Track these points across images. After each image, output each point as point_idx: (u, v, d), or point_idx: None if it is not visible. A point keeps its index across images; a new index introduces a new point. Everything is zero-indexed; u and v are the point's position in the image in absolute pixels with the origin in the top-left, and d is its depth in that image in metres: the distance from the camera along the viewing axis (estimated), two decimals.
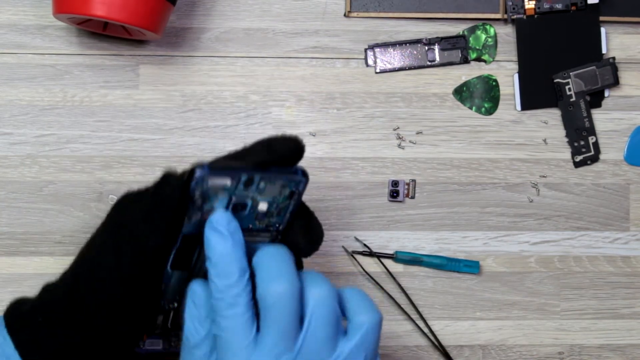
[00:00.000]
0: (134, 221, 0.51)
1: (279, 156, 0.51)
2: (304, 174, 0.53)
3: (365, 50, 0.66)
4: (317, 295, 0.48)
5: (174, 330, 0.58)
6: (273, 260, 0.49)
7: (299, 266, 0.53)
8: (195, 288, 0.50)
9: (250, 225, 0.54)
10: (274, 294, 0.47)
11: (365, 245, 0.65)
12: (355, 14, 0.66)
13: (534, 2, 0.66)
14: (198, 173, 0.50)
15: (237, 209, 0.52)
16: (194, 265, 0.55)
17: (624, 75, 0.67)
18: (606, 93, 0.67)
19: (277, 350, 0.47)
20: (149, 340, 0.58)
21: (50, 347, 0.52)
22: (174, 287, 0.56)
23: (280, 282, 0.47)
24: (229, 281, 0.48)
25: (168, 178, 0.51)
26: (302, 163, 0.66)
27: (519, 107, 0.67)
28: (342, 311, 0.49)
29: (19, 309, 0.53)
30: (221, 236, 0.49)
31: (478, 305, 0.66)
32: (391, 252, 0.65)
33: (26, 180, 0.64)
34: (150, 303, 0.54)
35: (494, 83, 0.67)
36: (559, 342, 0.66)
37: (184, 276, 0.55)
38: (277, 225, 0.54)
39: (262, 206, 0.53)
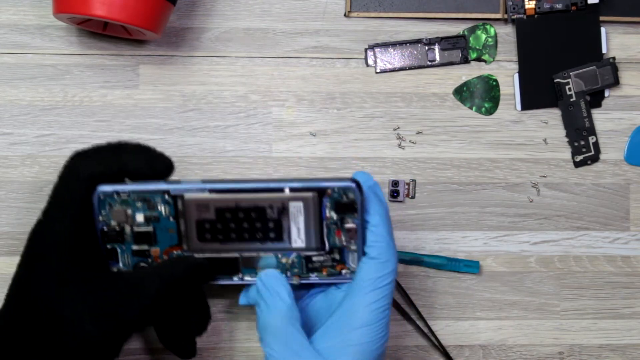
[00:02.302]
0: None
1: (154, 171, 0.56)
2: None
3: (366, 50, 0.66)
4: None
5: None
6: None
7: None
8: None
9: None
10: None
11: None
12: (355, 14, 0.66)
13: (534, 2, 0.66)
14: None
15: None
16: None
17: (624, 75, 0.67)
18: (606, 93, 0.67)
19: None
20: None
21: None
22: None
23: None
24: None
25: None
26: (303, 162, 0.66)
27: (519, 107, 0.67)
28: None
29: None
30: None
31: (478, 305, 0.66)
32: None
33: (26, 180, 0.64)
34: None
35: (494, 83, 0.67)
36: (559, 342, 0.66)
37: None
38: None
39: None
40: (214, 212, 0.55)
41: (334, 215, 0.56)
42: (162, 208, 0.56)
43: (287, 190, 0.55)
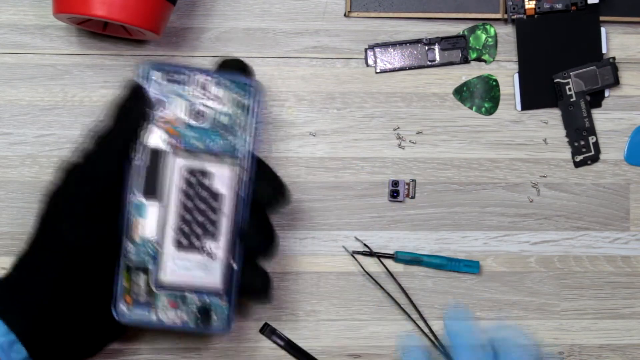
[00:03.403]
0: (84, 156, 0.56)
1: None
2: (258, 84, 0.57)
3: (366, 50, 0.66)
4: None
5: (161, 290, 0.57)
6: None
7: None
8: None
9: (215, 147, 0.57)
10: None
11: (365, 245, 0.65)
12: (355, 14, 0.66)
13: (534, 2, 0.66)
14: (141, 68, 0.56)
15: (197, 118, 0.56)
16: (167, 192, 0.57)
17: (624, 75, 0.67)
18: (606, 93, 0.67)
19: None
20: (136, 310, 0.57)
21: (32, 311, 0.55)
22: (151, 225, 0.57)
23: None
24: None
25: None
26: (303, 162, 0.66)
27: (519, 107, 0.67)
28: None
29: None
30: None
31: (478, 305, 0.66)
32: (391, 252, 0.65)
33: (26, 180, 0.64)
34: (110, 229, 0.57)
35: (494, 83, 0.67)
36: (559, 342, 0.66)
37: (159, 212, 0.57)
38: (242, 154, 0.57)
39: (222, 118, 0.57)
40: None
41: None
42: None
43: None
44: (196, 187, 0.57)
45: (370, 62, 0.66)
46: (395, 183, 0.66)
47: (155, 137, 0.57)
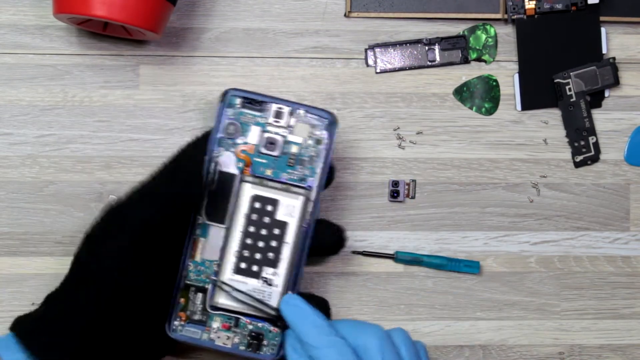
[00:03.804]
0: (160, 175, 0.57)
1: None
2: (333, 116, 0.60)
3: (366, 50, 0.66)
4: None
5: (216, 311, 0.59)
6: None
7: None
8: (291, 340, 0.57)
9: (284, 176, 0.59)
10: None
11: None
12: (355, 14, 0.66)
13: (534, 2, 0.66)
14: (229, 92, 0.59)
15: (269, 146, 0.59)
16: (230, 216, 0.59)
17: (624, 75, 0.67)
18: (606, 93, 0.67)
19: None
20: (189, 327, 0.59)
21: (69, 347, 0.53)
22: (212, 246, 0.59)
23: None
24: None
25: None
26: None
27: (519, 107, 0.67)
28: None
29: (28, 322, 0.54)
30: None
31: (478, 305, 0.66)
32: (391, 252, 0.65)
33: (26, 180, 0.64)
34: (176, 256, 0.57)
35: (494, 83, 0.67)
36: (559, 342, 0.66)
37: (224, 235, 0.59)
38: (309, 184, 0.59)
39: (293, 148, 0.59)
40: None
41: None
42: None
43: None
44: (261, 214, 0.59)
45: (370, 62, 0.66)
46: (395, 183, 0.66)
47: (226, 161, 0.58)
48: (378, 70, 0.66)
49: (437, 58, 0.67)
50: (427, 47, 0.66)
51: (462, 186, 0.66)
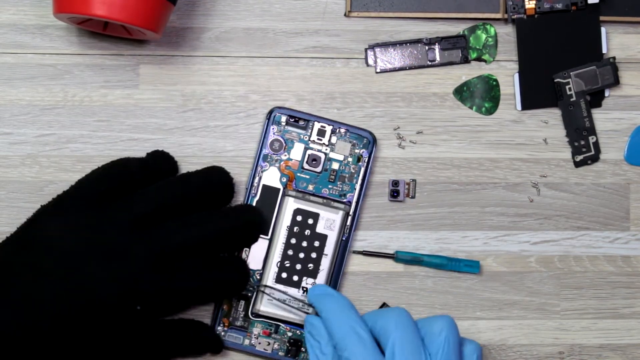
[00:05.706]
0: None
1: None
2: (373, 136, 0.64)
3: (366, 50, 0.66)
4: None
5: (257, 318, 0.62)
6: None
7: None
8: (312, 321, 0.59)
9: (325, 191, 0.63)
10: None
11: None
12: (355, 14, 0.66)
13: (534, 2, 0.66)
14: (275, 110, 0.63)
15: (311, 162, 0.63)
16: (273, 228, 0.62)
17: (624, 75, 0.67)
18: (606, 93, 0.67)
19: None
20: (231, 333, 0.62)
21: None
22: (255, 257, 0.62)
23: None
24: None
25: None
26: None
27: (519, 107, 0.67)
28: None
29: None
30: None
31: (478, 305, 0.66)
32: (391, 251, 0.65)
33: (26, 180, 0.64)
34: None
35: (494, 83, 0.67)
36: (559, 341, 0.66)
37: (267, 246, 0.62)
38: (349, 199, 0.63)
39: (334, 164, 0.63)
40: None
41: None
42: None
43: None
44: (302, 227, 0.62)
45: (371, 62, 0.66)
46: (395, 183, 0.66)
47: (270, 176, 0.62)
48: (378, 70, 0.66)
49: (437, 58, 0.67)
50: (427, 47, 0.66)
51: (462, 186, 0.66)
